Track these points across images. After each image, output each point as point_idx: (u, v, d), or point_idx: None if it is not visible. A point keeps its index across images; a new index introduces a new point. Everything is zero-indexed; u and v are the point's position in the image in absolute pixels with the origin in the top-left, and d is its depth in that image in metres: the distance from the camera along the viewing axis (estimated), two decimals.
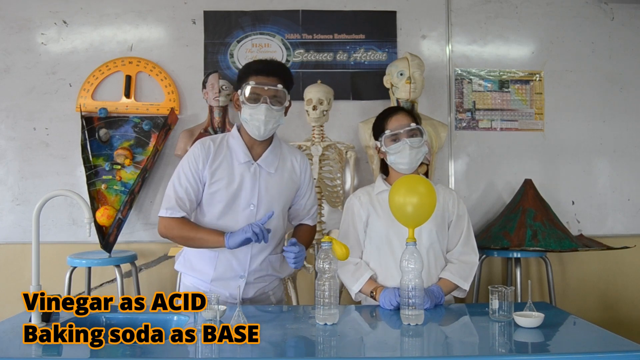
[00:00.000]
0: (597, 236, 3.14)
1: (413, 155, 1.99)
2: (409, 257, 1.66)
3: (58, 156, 3.11)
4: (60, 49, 3.14)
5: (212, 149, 1.94)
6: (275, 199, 1.96)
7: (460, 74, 3.22)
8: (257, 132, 1.91)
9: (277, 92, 1.90)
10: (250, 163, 1.95)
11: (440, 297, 1.92)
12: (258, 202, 1.93)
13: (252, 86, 1.88)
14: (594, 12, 3.26)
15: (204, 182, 1.94)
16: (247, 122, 1.91)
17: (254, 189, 1.93)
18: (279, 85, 1.90)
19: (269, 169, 1.96)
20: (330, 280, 1.65)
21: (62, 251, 2.90)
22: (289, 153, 2.04)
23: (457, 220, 2.06)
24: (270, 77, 1.90)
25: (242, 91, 1.91)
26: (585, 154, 3.24)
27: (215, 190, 1.93)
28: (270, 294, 2.07)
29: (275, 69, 1.93)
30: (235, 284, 1.95)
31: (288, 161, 2.02)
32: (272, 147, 1.98)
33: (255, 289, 2.00)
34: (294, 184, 2.02)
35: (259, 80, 1.88)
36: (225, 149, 1.96)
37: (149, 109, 3.10)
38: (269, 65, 1.94)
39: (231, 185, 1.92)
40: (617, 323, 3.15)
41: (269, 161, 1.96)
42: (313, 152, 2.83)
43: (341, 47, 3.18)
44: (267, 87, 1.88)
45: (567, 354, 1.40)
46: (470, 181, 3.21)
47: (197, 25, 3.16)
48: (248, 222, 1.89)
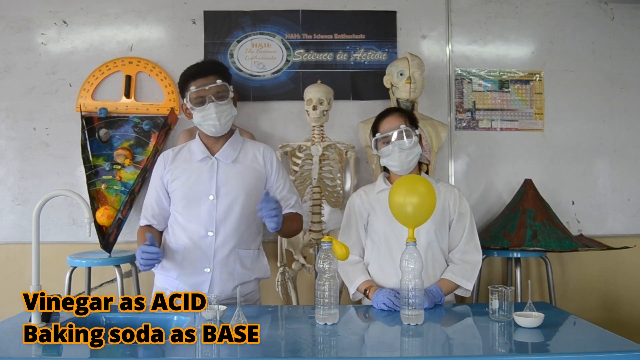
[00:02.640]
0: (597, 236, 3.14)
1: (403, 158, 1.99)
2: (408, 257, 1.66)
3: (58, 156, 3.11)
4: (60, 49, 3.14)
5: (170, 156, 2.06)
6: (236, 190, 1.99)
7: (460, 74, 3.23)
8: (214, 129, 1.98)
9: (218, 87, 1.95)
10: (208, 158, 2.02)
11: (440, 297, 1.91)
12: (217, 193, 1.98)
13: (194, 91, 1.94)
14: (594, 12, 3.26)
15: (165, 186, 2.04)
16: (201, 124, 1.99)
17: (211, 181, 1.99)
18: (218, 80, 1.95)
19: (227, 161, 2.02)
20: (330, 280, 1.65)
21: (62, 251, 2.90)
22: (251, 146, 2.10)
23: (459, 218, 2.05)
24: (208, 77, 1.96)
25: (187, 99, 1.97)
26: (585, 154, 3.24)
27: (174, 189, 2.01)
28: (242, 301, 1.92)
29: (210, 67, 2.02)
30: (202, 279, 1.96)
31: (250, 153, 2.07)
32: (230, 141, 2.05)
33: (226, 288, 1.96)
34: (257, 173, 2.05)
35: (198, 84, 1.95)
36: (186, 153, 2.07)
37: (149, 109, 3.11)
38: (203, 66, 2.04)
39: (188, 181, 2.00)
40: (617, 323, 3.15)
41: (226, 153, 2.03)
42: (313, 152, 2.83)
43: (341, 47, 3.18)
44: (208, 87, 1.94)
45: (567, 354, 1.40)
46: (470, 181, 3.21)
47: (197, 25, 3.16)
48: (209, 214, 1.96)
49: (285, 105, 3.15)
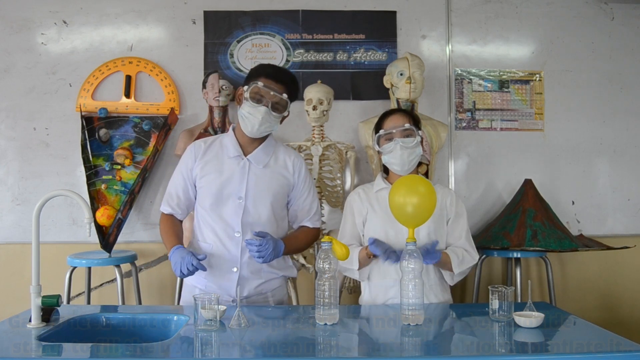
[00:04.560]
0: (597, 236, 3.14)
1: (405, 156, 1.99)
2: (408, 257, 1.66)
3: (58, 156, 3.11)
4: (60, 49, 3.14)
5: (202, 148, 2.03)
6: (264, 193, 1.99)
7: (460, 74, 3.22)
8: (250, 129, 1.96)
9: (280, 99, 1.95)
10: (240, 158, 2.00)
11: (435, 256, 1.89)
12: (246, 195, 1.97)
13: (259, 86, 1.93)
14: (594, 12, 3.26)
15: (194, 179, 2.02)
16: (243, 117, 1.96)
17: (242, 182, 1.97)
18: (284, 94, 1.95)
19: (259, 165, 2.00)
20: (330, 280, 1.65)
21: (62, 251, 2.90)
22: (283, 152, 2.08)
23: (456, 217, 2.06)
24: (279, 84, 1.95)
25: (248, 88, 1.95)
26: (585, 154, 3.24)
27: (204, 184, 1.99)
28: (269, 295, 2.03)
29: (285, 78, 1.99)
30: (230, 278, 1.95)
31: (280, 159, 2.06)
32: (264, 145, 2.03)
33: (252, 286, 1.98)
34: (285, 180, 2.04)
35: (267, 83, 1.93)
36: (218, 147, 2.04)
37: (149, 109, 3.11)
38: (280, 73, 2.00)
39: (219, 178, 1.98)
40: (617, 323, 3.15)
41: (259, 157, 2.01)
42: (313, 152, 2.83)
43: (341, 47, 3.18)
44: (272, 92, 1.93)
45: (567, 354, 1.40)
46: (470, 181, 3.21)
47: (197, 25, 3.16)
48: (236, 215, 1.95)
49: None
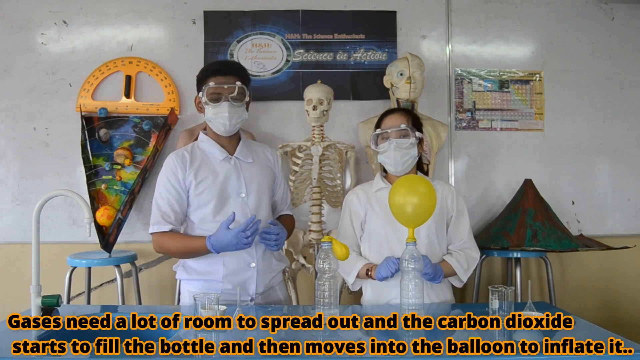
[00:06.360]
0: (597, 236, 3.14)
1: (399, 157, 1.99)
2: (409, 257, 1.66)
3: (58, 156, 3.11)
4: (60, 49, 3.13)
5: (187, 156, 2.01)
6: (261, 187, 2.03)
7: (460, 74, 3.22)
8: (223, 128, 1.98)
9: (236, 89, 1.96)
10: (229, 157, 2.02)
11: (439, 275, 1.92)
12: (247, 191, 1.99)
13: (212, 86, 1.96)
14: (594, 12, 3.26)
15: (187, 189, 1.98)
16: (211, 121, 1.99)
17: (239, 180, 2.00)
18: (238, 82, 1.97)
19: (247, 160, 2.04)
20: (330, 280, 1.65)
21: (62, 251, 2.90)
22: (258, 146, 2.17)
23: (458, 215, 2.07)
24: (228, 76, 1.98)
25: (203, 93, 1.98)
26: (585, 154, 3.24)
27: (202, 190, 1.97)
28: (277, 289, 2.09)
29: (232, 68, 2.03)
30: (249, 275, 1.96)
31: (260, 153, 2.12)
32: (243, 142, 2.08)
33: (266, 280, 2.01)
34: (271, 171, 2.11)
35: (218, 81, 1.96)
36: (200, 153, 2.03)
37: (149, 109, 3.10)
38: (226, 66, 2.07)
39: (217, 180, 1.98)
40: (617, 323, 3.15)
41: (244, 153, 2.05)
42: (313, 152, 2.83)
43: (341, 47, 3.18)
44: (226, 86, 1.96)
45: (567, 354, 1.40)
46: (470, 181, 3.21)
47: (197, 25, 3.15)
48: (243, 212, 1.95)
49: (285, 105, 3.15)
